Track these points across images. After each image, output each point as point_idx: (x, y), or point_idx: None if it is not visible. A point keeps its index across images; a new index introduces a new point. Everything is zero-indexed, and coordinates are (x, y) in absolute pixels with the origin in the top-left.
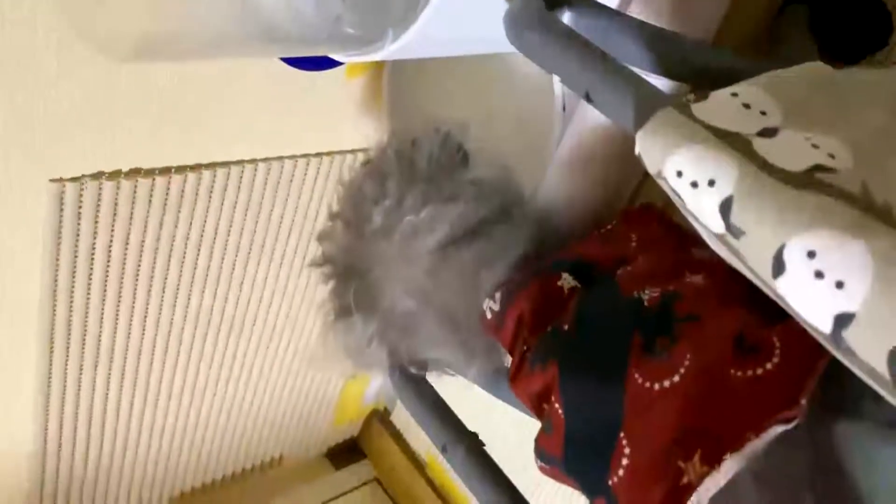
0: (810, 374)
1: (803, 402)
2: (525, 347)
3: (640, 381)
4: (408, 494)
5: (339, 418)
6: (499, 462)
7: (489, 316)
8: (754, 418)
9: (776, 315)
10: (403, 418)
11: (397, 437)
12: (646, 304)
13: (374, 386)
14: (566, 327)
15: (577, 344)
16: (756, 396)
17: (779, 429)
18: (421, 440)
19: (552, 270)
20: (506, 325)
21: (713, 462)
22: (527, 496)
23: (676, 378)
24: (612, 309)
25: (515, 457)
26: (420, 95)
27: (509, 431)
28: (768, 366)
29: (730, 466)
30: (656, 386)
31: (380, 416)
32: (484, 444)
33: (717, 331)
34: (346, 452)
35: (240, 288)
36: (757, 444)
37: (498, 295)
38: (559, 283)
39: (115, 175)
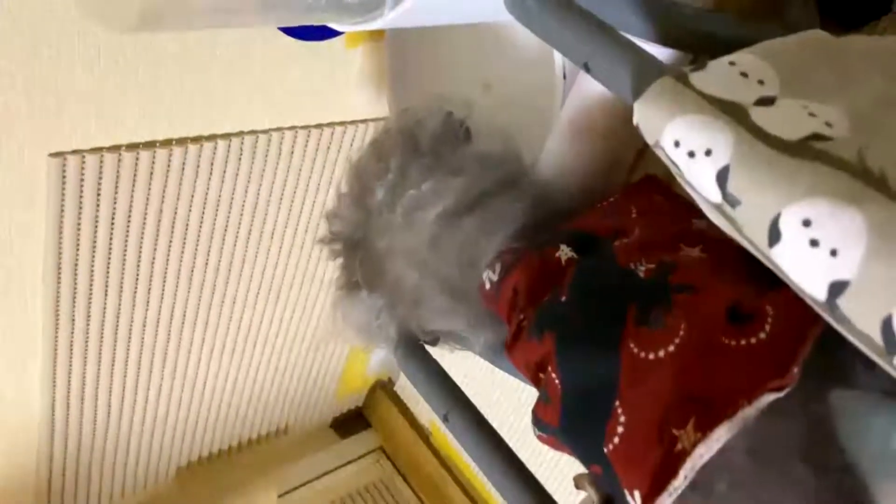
0: (802, 343)
1: (795, 370)
2: (521, 317)
3: (635, 350)
4: (412, 462)
5: (344, 388)
6: (499, 430)
7: (488, 286)
8: (746, 386)
9: (772, 285)
10: (407, 388)
11: (401, 406)
12: (641, 275)
13: (378, 356)
14: (563, 298)
15: (574, 315)
16: (748, 364)
17: (770, 397)
18: (424, 409)
19: (551, 242)
20: (502, 295)
21: (705, 429)
22: (528, 465)
23: (671, 348)
24: (608, 280)
25: (516, 425)
26: (420, 65)
27: (511, 401)
28: (761, 334)
29: (721, 433)
30: (651, 355)
31: (384, 386)
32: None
33: (710, 300)
34: (350, 422)
35: (243, 259)
36: (749, 412)
37: (497, 265)
38: (557, 255)
39: (115, 148)
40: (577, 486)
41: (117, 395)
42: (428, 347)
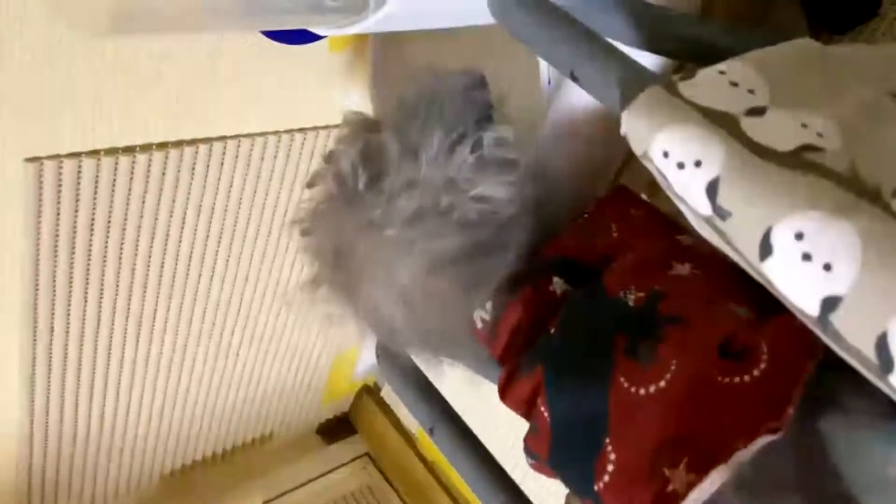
0: (797, 382)
1: (790, 411)
2: (519, 359)
3: (625, 385)
4: (399, 469)
5: (330, 394)
6: (486, 443)
7: (480, 325)
8: (741, 428)
9: (766, 303)
10: (393, 394)
11: (388, 412)
12: (631, 304)
13: (364, 362)
14: (553, 331)
15: (563, 347)
16: (743, 405)
17: (766, 439)
18: (411, 416)
19: (542, 275)
20: (499, 335)
21: (699, 471)
22: (514, 477)
23: (662, 384)
24: (596, 311)
25: (503, 438)
26: (404, 69)
27: (497, 413)
28: (755, 372)
29: (716, 477)
30: (642, 391)
31: (370, 392)
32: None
33: (702, 335)
34: (337, 428)
35: (225, 264)
36: (744, 455)
37: (489, 305)
38: (551, 288)
39: (94, 153)
40: None
41: (98, 402)
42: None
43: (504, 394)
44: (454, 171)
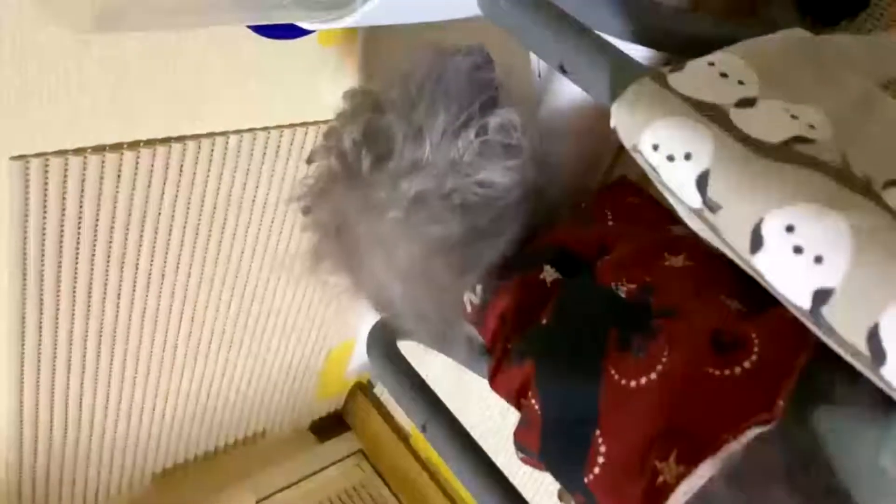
0: (788, 375)
1: (781, 403)
2: (508, 346)
3: (616, 377)
4: (393, 466)
5: (323, 391)
6: (479, 440)
7: (469, 308)
8: (731, 419)
9: (758, 295)
10: (387, 391)
11: (381, 409)
12: (623, 296)
13: (358, 359)
14: (545, 321)
15: (554, 338)
16: (733, 396)
17: (756, 430)
18: (404, 413)
19: (534, 263)
20: (487, 321)
21: (689, 462)
22: (507, 473)
23: (653, 376)
24: (588, 303)
25: (496, 434)
26: (395, 62)
27: (490, 409)
28: (746, 364)
29: (706, 469)
30: (633, 383)
31: (363, 389)
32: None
33: (694, 327)
34: (330, 425)
35: (215, 262)
36: (734, 447)
37: (478, 288)
38: (542, 276)
39: (81, 150)
40: (561, 500)
41: (88, 402)
42: (407, 354)
43: (493, 380)
44: (458, 154)
